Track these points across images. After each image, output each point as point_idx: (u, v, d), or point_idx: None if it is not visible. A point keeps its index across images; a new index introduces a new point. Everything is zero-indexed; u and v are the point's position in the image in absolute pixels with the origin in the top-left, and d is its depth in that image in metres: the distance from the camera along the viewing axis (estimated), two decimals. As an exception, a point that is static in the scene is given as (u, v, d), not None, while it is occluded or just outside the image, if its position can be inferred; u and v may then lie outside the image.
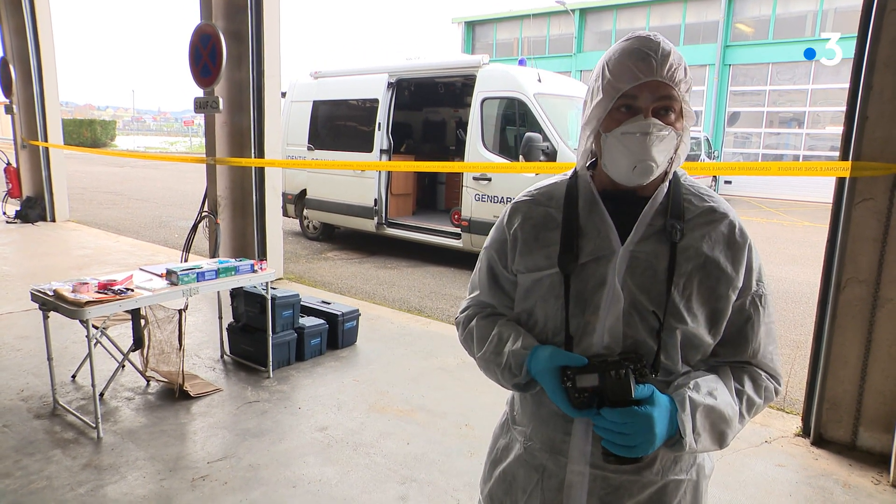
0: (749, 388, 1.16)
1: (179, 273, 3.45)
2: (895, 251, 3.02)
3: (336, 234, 10.04)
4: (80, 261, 7.31)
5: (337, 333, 4.56)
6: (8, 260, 7.27)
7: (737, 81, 21.92)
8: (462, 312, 1.37)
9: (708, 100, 21.80)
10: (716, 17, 21.77)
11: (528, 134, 6.98)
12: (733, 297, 1.14)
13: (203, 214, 6.33)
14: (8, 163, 10.31)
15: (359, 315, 4.76)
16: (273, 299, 4.05)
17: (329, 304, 4.77)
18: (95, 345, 3.27)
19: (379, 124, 8.55)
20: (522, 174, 6.85)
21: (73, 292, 3.13)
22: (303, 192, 9.73)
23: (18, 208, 9.79)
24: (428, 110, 10.66)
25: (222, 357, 4.35)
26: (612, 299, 1.12)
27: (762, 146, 21.76)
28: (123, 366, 3.85)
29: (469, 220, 7.67)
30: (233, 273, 3.69)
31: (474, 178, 7.56)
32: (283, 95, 8.87)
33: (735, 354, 1.19)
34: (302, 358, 4.33)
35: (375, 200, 8.68)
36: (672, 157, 1.14)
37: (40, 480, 2.78)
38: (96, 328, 3.47)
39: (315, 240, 9.87)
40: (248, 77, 6.10)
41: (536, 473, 1.22)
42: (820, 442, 3.32)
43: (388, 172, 8.71)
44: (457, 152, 9.61)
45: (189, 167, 21.14)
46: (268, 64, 6.15)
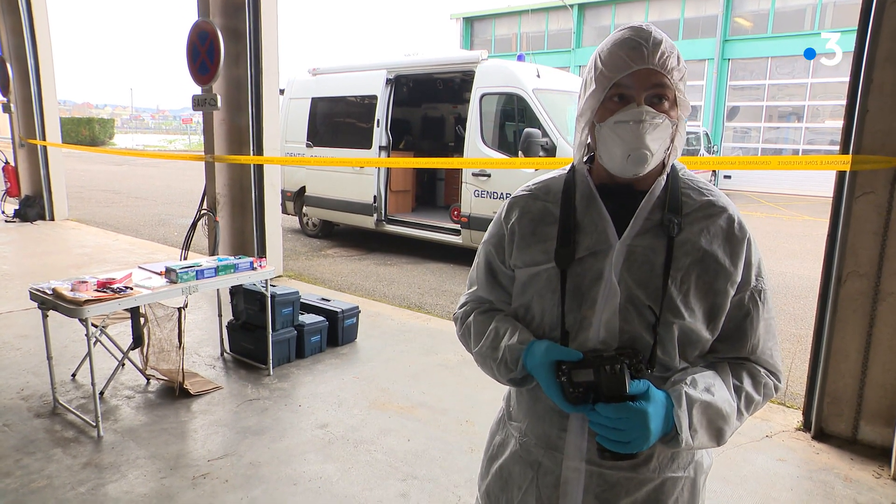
0: (748, 385, 1.15)
1: (179, 271, 3.44)
2: (896, 245, 3.02)
3: (335, 231, 10.03)
4: (79, 259, 7.31)
5: (337, 330, 4.56)
6: (7, 259, 7.26)
7: (736, 76, 21.86)
8: (460, 308, 1.36)
9: (707, 94, 21.75)
10: (714, 12, 21.69)
11: (528, 129, 6.96)
12: (732, 292, 1.13)
13: (202, 212, 6.32)
14: (6, 162, 10.28)
15: (359, 312, 4.76)
16: (273, 297, 4.04)
17: (329, 302, 4.77)
18: (95, 343, 3.27)
19: (378, 121, 8.53)
20: (522, 170, 6.83)
21: (73, 291, 3.12)
22: (302, 190, 9.71)
23: (17, 207, 9.78)
24: (427, 106, 10.63)
25: (222, 355, 4.35)
26: (609, 294, 1.11)
27: (762, 140, 21.72)
28: (123, 364, 3.85)
29: (468, 217, 7.66)
30: (232, 271, 3.69)
31: (473, 175, 7.55)
32: (282, 92, 8.84)
33: (734, 350, 1.17)
34: (302, 355, 4.32)
35: (375, 197, 8.66)
36: (669, 149, 1.13)
37: (41, 479, 2.78)
38: (96, 327, 3.47)
39: (314, 237, 9.86)
40: (247, 74, 6.10)
41: (532, 470, 1.21)
42: (821, 436, 3.33)
43: (388, 169, 8.68)
44: (456, 148, 9.61)
45: (188, 165, 21.09)
46: (266, 61, 6.14)
